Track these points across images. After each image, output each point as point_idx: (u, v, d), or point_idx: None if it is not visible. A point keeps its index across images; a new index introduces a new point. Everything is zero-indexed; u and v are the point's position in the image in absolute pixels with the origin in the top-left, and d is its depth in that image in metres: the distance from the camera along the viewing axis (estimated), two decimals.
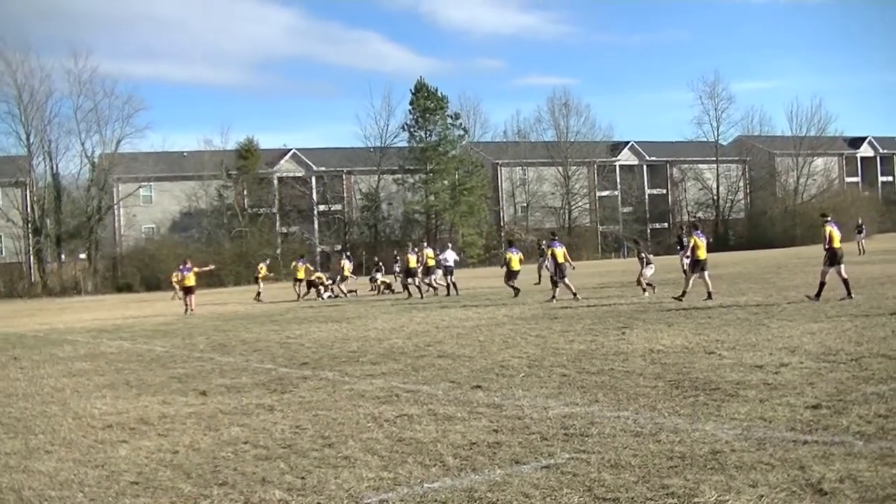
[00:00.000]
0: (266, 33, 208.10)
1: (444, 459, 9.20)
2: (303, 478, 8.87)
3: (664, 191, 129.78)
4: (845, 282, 25.12)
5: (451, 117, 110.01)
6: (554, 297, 32.38)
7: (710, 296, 27.89)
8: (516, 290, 36.79)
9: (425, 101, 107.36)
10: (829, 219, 26.66)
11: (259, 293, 49.93)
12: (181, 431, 11.71)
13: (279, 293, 53.09)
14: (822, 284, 25.33)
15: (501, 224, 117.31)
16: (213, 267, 55.86)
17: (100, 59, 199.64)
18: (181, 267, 45.39)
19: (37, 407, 14.79)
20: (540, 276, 44.84)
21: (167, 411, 13.37)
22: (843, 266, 25.51)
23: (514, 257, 37.46)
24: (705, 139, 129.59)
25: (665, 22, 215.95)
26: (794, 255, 61.68)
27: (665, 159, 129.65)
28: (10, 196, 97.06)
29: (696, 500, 7.36)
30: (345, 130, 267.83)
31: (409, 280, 42.69)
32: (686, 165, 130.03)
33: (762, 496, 7.34)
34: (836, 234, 25.91)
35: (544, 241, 46.23)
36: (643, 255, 34.30)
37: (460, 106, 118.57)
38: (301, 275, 49.47)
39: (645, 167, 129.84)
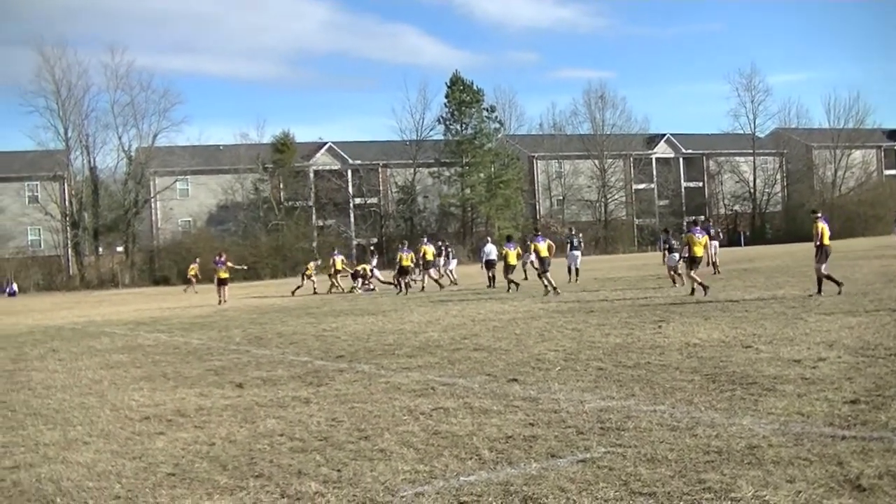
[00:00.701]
0: (301, 27, 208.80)
1: (480, 453, 9.18)
2: (339, 470, 8.88)
3: (700, 184, 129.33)
4: (820, 280, 25.38)
5: (487, 110, 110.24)
6: (548, 290, 33.29)
7: (692, 292, 28.20)
8: (513, 284, 37.73)
9: (461, 94, 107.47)
10: (819, 215, 26.73)
11: (299, 287, 49.99)
12: (217, 423, 11.75)
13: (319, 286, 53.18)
14: (830, 278, 25.30)
15: (538, 217, 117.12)
16: (245, 267, 55.78)
17: (136, 53, 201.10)
18: (217, 260, 45.75)
19: (75, 398, 14.87)
20: (526, 273, 45.07)
21: (204, 403, 13.42)
22: (826, 265, 25.60)
23: (511, 252, 38.27)
24: (742, 132, 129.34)
25: (701, 14, 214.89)
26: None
27: (701, 152, 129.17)
28: (49, 190, 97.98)
29: (733, 495, 7.32)
30: (380, 124, 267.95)
31: (402, 277, 43.56)
32: (722, 158, 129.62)
33: (800, 492, 7.29)
34: (827, 231, 25.98)
35: (529, 237, 46.58)
36: (670, 243, 34.79)
37: (496, 99, 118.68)
38: (338, 266, 49.89)
39: (681, 160, 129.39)
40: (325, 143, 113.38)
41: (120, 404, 13.89)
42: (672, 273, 33.29)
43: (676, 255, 33.91)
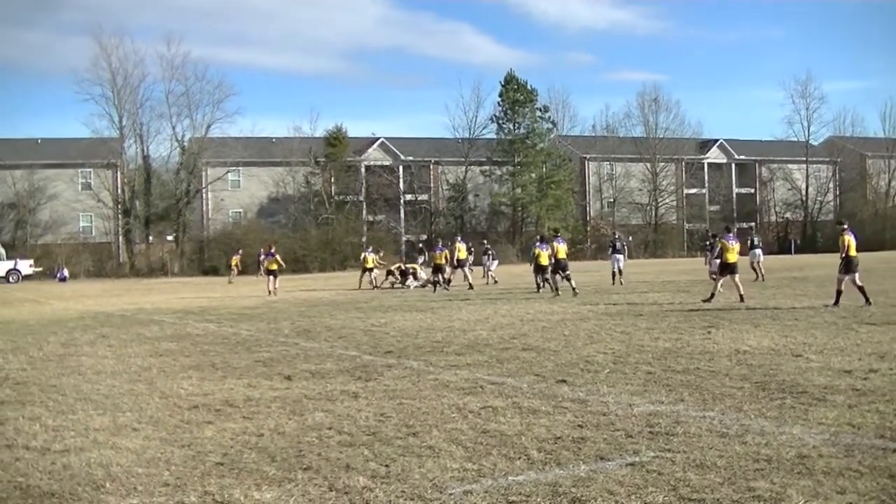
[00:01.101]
0: (357, 23, 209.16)
1: (529, 453, 9.18)
2: (387, 465, 8.90)
3: (752, 190, 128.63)
4: (861, 289, 25.47)
5: (540, 110, 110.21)
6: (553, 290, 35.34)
7: (741, 298, 28.18)
8: (539, 286, 38.59)
9: (515, 93, 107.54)
10: (846, 227, 26.86)
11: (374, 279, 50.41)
12: (266, 415, 11.80)
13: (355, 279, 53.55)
14: (838, 293, 25.70)
15: (588, 218, 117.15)
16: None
17: (192, 44, 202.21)
18: (267, 252, 46.43)
19: (124, 385, 14.98)
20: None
21: (252, 394, 13.48)
22: (857, 274, 25.75)
23: (543, 253, 38.22)
24: (795, 139, 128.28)
25: (759, 19, 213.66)
26: (882, 260, 60.81)
27: (754, 158, 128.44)
28: (102, 177, 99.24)
29: None
30: (433, 120, 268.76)
31: (437, 275, 44.32)
32: (775, 165, 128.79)
33: (850, 503, 7.26)
34: (853, 243, 26.12)
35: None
36: (714, 247, 35.93)
37: (549, 99, 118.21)
38: (369, 264, 50.26)
39: (733, 165, 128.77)
40: (378, 139, 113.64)
41: (169, 392, 13.99)
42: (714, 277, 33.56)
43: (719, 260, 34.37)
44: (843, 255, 25.90)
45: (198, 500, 8.02)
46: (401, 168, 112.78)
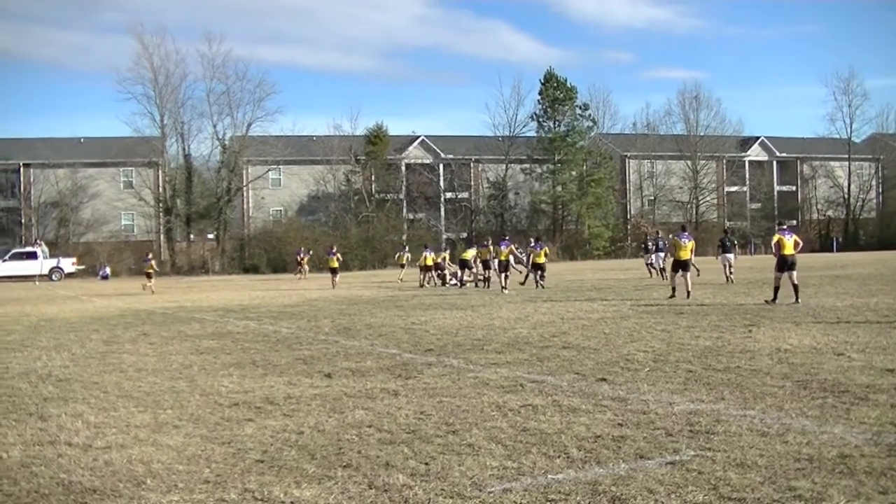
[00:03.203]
0: (395, 21, 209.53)
1: (569, 451, 9.15)
2: (427, 463, 8.88)
3: (794, 188, 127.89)
4: (795, 287, 26.44)
5: (580, 108, 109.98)
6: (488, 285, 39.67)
7: (688, 294, 29.84)
8: (538, 284, 40.91)
9: (554, 91, 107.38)
10: (784, 227, 28.24)
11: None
12: (306, 412, 11.81)
13: (406, 278, 53.64)
14: (776, 289, 26.77)
15: (628, 217, 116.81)
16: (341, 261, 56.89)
17: (233, 43, 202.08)
18: (328, 251, 52.96)
19: (165, 382, 15.04)
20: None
21: (292, 392, 13.49)
22: (794, 273, 26.59)
23: (540, 251, 41.86)
24: (838, 136, 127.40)
25: (799, 15, 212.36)
26: None
27: (796, 156, 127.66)
28: (143, 176, 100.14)
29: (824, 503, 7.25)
30: (473, 118, 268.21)
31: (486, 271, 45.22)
32: (817, 162, 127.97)
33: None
34: (787, 242, 26.97)
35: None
36: (724, 243, 40.88)
37: (589, 97, 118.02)
38: (402, 261, 54.57)
39: (775, 163, 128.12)
40: (418, 137, 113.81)
41: (209, 390, 14.03)
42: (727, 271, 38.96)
43: (731, 255, 39.95)
44: (777, 253, 26.99)
45: (238, 497, 8.04)
46: (441, 166, 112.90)
